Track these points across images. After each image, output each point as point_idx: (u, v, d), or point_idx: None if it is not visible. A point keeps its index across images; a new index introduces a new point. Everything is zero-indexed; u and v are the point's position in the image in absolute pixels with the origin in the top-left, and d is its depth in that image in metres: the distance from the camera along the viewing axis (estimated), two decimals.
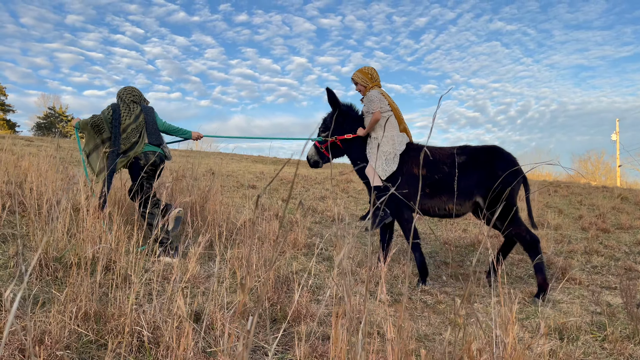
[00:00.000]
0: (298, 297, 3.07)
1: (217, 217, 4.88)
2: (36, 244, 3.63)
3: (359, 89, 4.84)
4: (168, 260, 3.85)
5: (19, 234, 3.94)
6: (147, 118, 4.59)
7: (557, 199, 10.40)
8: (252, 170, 12.80)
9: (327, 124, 4.86)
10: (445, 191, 4.36)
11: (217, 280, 2.75)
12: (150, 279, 3.19)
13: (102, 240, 3.31)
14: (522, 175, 4.37)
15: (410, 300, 4.02)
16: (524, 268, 5.24)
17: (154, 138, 4.57)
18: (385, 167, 4.47)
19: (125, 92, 4.69)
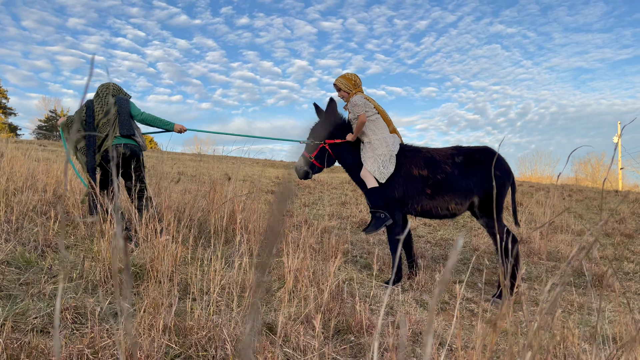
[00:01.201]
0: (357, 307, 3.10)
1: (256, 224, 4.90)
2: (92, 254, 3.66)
3: (341, 95, 4.83)
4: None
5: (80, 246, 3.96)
6: (120, 109, 4.48)
7: (574, 203, 10.44)
8: (266, 175, 12.84)
9: (316, 133, 4.84)
10: (448, 191, 4.40)
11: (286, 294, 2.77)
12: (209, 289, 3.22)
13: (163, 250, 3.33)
14: (512, 175, 4.53)
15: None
16: (558, 275, 5.27)
17: (125, 129, 4.43)
18: (383, 170, 4.47)
19: (102, 87, 4.67)
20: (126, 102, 4.56)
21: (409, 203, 4.50)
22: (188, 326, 2.49)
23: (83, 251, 3.83)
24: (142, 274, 3.28)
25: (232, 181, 8.77)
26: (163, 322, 2.47)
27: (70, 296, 2.82)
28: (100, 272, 3.07)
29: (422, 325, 3.32)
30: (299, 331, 2.62)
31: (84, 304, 2.68)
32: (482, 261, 5.77)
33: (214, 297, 2.68)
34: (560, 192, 12.17)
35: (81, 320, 2.56)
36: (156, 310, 2.53)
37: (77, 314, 2.60)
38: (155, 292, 2.60)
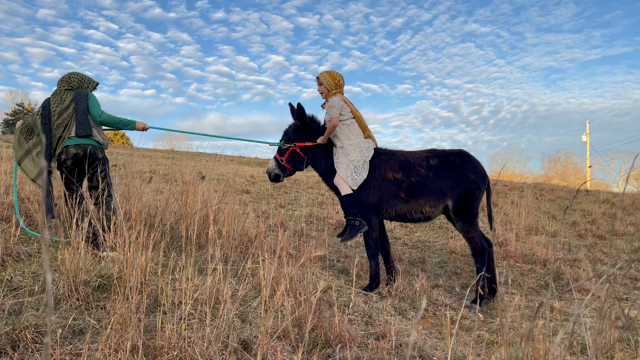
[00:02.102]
0: (336, 320, 3.00)
1: (230, 228, 4.75)
2: (55, 263, 3.46)
3: (321, 90, 4.74)
4: (112, 254, 3.57)
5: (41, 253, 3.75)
6: (77, 107, 4.14)
7: (547, 203, 10.58)
8: (240, 173, 12.63)
9: (289, 135, 4.74)
10: (422, 194, 4.37)
11: (263, 308, 2.65)
12: (181, 301, 3.07)
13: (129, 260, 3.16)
14: (488, 179, 4.52)
15: (435, 316, 3.98)
16: (534, 278, 5.28)
17: (82, 128, 4.10)
18: (356, 177, 4.41)
19: (61, 81, 4.33)
20: (84, 98, 4.20)
21: (384, 208, 4.44)
22: (158, 345, 2.35)
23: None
24: (109, 285, 3.11)
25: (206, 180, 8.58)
26: (131, 341, 2.32)
27: (30, 313, 2.63)
28: (65, 284, 2.89)
29: (402, 336, 3.24)
30: (276, 348, 2.50)
31: (45, 322, 2.51)
32: (459, 264, 5.75)
33: (185, 312, 2.54)
34: (533, 191, 12.32)
35: (42, 340, 2.39)
36: (124, 328, 2.38)
37: (38, 333, 2.43)
38: (122, 308, 2.44)
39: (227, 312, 2.49)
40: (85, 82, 4.40)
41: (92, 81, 4.48)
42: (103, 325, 2.60)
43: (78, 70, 4.52)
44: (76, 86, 4.33)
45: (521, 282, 5.09)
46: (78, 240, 3.23)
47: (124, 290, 2.68)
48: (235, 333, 2.68)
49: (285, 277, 3.54)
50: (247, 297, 3.48)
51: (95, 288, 3.05)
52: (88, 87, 4.43)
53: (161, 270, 3.52)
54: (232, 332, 2.63)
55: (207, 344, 2.34)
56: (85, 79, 4.43)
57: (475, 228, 4.36)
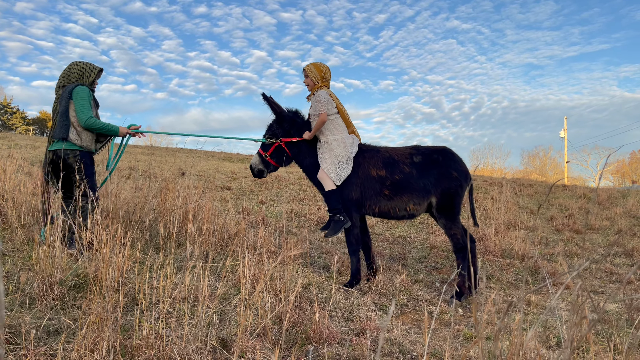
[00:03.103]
0: (316, 316, 3.00)
1: (210, 225, 4.72)
2: (29, 262, 3.39)
3: (307, 82, 4.71)
4: (72, 251, 3.62)
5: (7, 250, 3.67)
6: (60, 106, 3.96)
7: (525, 199, 10.74)
8: (222, 170, 12.54)
9: (273, 130, 4.71)
10: (406, 191, 4.38)
11: (242, 306, 2.63)
12: (159, 299, 3.04)
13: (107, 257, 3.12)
14: (470, 176, 4.55)
15: (415, 311, 4.01)
16: (513, 273, 5.35)
17: (58, 131, 3.90)
18: (340, 172, 4.40)
19: (62, 75, 4.14)
20: (66, 97, 3.96)
21: (366, 204, 4.43)
22: (135, 345, 2.32)
23: (21, 259, 3.56)
24: (85, 284, 3.06)
25: (186, 177, 8.50)
26: (107, 341, 2.29)
27: (4, 313, 2.57)
28: (39, 284, 2.83)
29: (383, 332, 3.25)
30: (255, 346, 2.49)
31: (19, 322, 2.46)
32: (439, 260, 5.80)
33: (163, 311, 2.51)
34: (512, 187, 12.48)
35: (16, 341, 2.34)
36: (100, 328, 2.34)
37: (12, 334, 2.38)
38: (98, 308, 2.40)
39: (205, 310, 2.47)
40: (87, 72, 4.17)
41: (94, 69, 4.23)
42: (79, 325, 2.56)
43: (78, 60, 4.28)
44: (75, 80, 4.11)
45: (500, 277, 5.16)
46: (53, 239, 3.17)
47: (100, 289, 2.63)
48: (215, 331, 2.66)
49: (265, 274, 3.53)
50: (227, 295, 3.46)
51: (72, 287, 3.00)
52: (90, 77, 4.18)
53: (139, 269, 3.48)
54: (211, 330, 2.61)
55: (186, 343, 2.32)
56: (87, 68, 4.18)
57: (457, 225, 4.39)
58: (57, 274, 2.90)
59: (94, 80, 4.25)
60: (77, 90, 3.98)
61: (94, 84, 4.26)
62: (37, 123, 44.74)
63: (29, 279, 2.94)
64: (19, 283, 2.94)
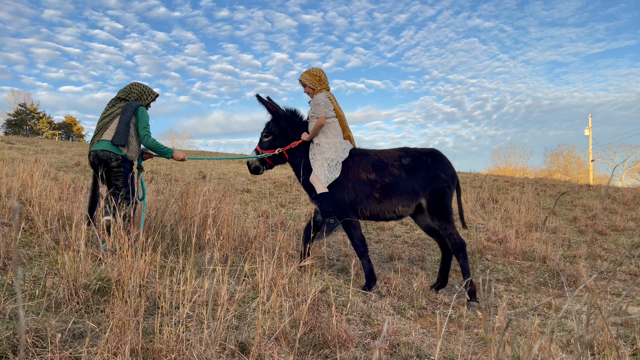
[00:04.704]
0: (334, 320, 3.02)
1: (229, 229, 4.78)
2: (55, 267, 3.50)
3: (307, 91, 4.77)
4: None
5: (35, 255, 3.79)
6: (122, 116, 4.27)
7: (548, 199, 10.57)
8: (242, 172, 12.66)
9: (270, 129, 4.77)
10: (395, 194, 4.39)
11: (260, 309, 2.68)
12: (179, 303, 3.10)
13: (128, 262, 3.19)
14: (457, 179, 4.57)
15: (434, 314, 4.01)
16: (533, 275, 5.29)
17: (118, 138, 4.19)
18: (328, 175, 4.42)
19: (122, 90, 4.53)
20: (132, 110, 4.31)
21: (358, 208, 4.47)
22: (156, 349, 2.38)
23: (47, 264, 3.67)
24: (108, 289, 3.14)
25: (207, 180, 8.61)
26: (130, 344, 2.35)
27: (31, 317, 2.67)
28: (65, 288, 2.92)
29: (400, 336, 3.27)
30: (273, 350, 2.53)
31: (45, 326, 2.54)
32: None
33: (183, 315, 2.57)
34: (534, 187, 12.31)
35: (42, 344, 2.43)
36: (122, 331, 2.41)
37: (38, 337, 2.46)
38: (121, 312, 2.48)
39: (224, 314, 2.52)
40: (145, 94, 4.58)
41: (152, 92, 4.65)
42: (102, 328, 2.64)
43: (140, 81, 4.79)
44: (135, 98, 4.48)
45: (520, 279, 5.11)
46: (78, 243, 3.27)
47: (122, 293, 2.71)
48: (233, 335, 2.71)
49: (284, 278, 3.57)
50: (246, 298, 3.51)
51: (95, 291, 3.09)
52: (147, 99, 4.59)
53: (160, 273, 3.56)
54: (230, 334, 2.66)
55: (205, 347, 2.37)
56: (146, 90, 4.59)
57: (452, 225, 4.39)
58: (82, 278, 2.98)
59: (149, 103, 4.67)
60: (142, 109, 4.39)
61: (148, 106, 4.68)
62: (63, 128, 45.73)
63: (54, 284, 3.03)
64: (45, 287, 3.03)
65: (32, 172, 6.37)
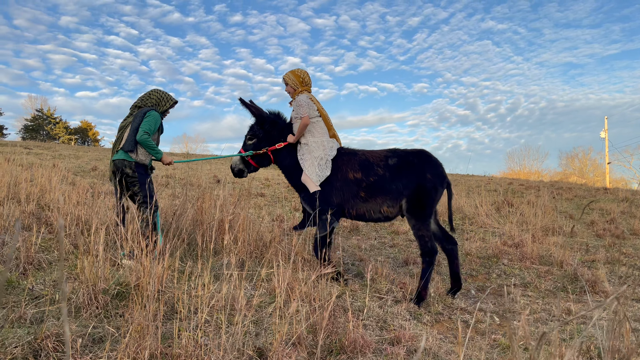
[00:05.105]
0: (351, 325, 3.02)
1: (245, 234, 4.80)
2: (74, 271, 3.54)
3: (288, 90, 4.80)
4: (128, 263, 3.80)
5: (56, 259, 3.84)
6: (132, 123, 4.31)
7: (564, 203, 10.45)
8: (255, 176, 12.69)
9: (254, 132, 4.77)
10: (379, 194, 4.38)
11: (277, 315, 2.68)
12: (197, 308, 3.12)
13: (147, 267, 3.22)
14: (447, 181, 4.49)
15: (451, 320, 3.98)
16: (551, 280, 5.23)
17: (127, 144, 4.26)
18: (319, 173, 4.45)
19: (142, 97, 4.57)
20: (141, 115, 4.34)
21: (346, 207, 4.47)
22: (175, 354, 2.40)
23: (67, 268, 3.71)
24: (127, 293, 3.17)
25: (222, 184, 8.65)
26: (149, 350, 2.37)
27: (51, 322, 2.70)
28: (84, 293, 2.96)
29: (417, 342, 3.25)
30: (291, 356, 2.53)
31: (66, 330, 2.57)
32: (475, 267, 5.72)
33: (202, 320, 2.59)
34: (550, 190, 12.18)
35: (63, 349, 2.45)
36: (141, 336, 2.43)
37: (59, 342, 2.49)
38: (140, 317, 2.50)
39: (242, 319, 2.53)
40: (163, 101, 4.58)
41: (170, 99, 4.64)
42: (122, 333, 2.66)
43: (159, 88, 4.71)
44: (152, 104, 4.50)
45: (538, 285, 5.05)
46: (97, 248, 3.31)
47: (141, 298, 2.73)
48: (251, 340, 2.72)
49: (300, 283, 3.58)
50: (262, 303, 3.51)
51: (114, 296, 3.11)
52: (165, 105, 4.60)
53: (177, 278, 3.58)
54: (248, 339, 2.67)
55: (223, 352, 2.38)
56: (164, 97, 4.59)
57: (426, 227, 4.33)
58: (101, 283, 3.01)
59: (167, 110, 4.68)
60: (151, 113, 4.37)
61: (166, 112, 4.70)
62: (78, 132, 46.33)
63: (74, 289, 3.07)
64: (65, 292, 3.06)
65: (51, 177, 6.46)
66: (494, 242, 6.51)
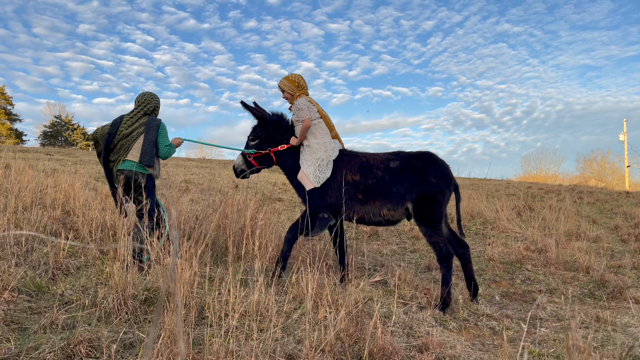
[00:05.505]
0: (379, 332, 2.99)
1: (267, 239, 4.81)
2: (101, 277, 3.57)
3: (285, 96, 4.79)
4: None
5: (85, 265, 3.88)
6: (146, 135, 4.19)
7: (587, 207, 10.29)
8: (272, 181, 12.72)
9: (257, 133, 4.75)
10: (378, 196, 4.32)
11: (307, 321, 2.67)
12: (225, 314, 3.12)
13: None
14: (454, 183, 4.39)
15: (477, 327, 3.93)
16: (578, 286, 5.14)
17: (146, 159, 4.14)
18: (319, 174, 4.43)
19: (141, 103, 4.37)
20: (155, 128, 4.25)
21: (344, 209, 4.43)
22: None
23: (93, 274, 3.75)
24: (155, 299, 3.18)
25: (239, 189, 8.69)
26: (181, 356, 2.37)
27: (83, 327, 2.72)
28: (114, 298, 2.98)
29: (446, 349, 3.21)
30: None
31: (98, 336, 2.59)
32: (498, 272, 5.65)
33: (232, 327, 2.59)
34: (571, 194, 12.01)
35: (96, 354, 2.47)
36: (173, 342, 2.44)
37: (92, 347, 2.51)
38: (172, 324, 2.51)
39: (272, 325, 2.52)
40: (158, 108, 4.53)
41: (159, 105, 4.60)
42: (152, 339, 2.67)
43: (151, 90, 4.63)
44: (151, 111, 4.40)
45: (564, 291, 4.97)
46: (124, 254, 3.33)
47: (169, 303, 2.74)
48: (280, 346, 2.71)
49: (326, 289, 3.56)
50: (289, 309, 3.51)
51: (142, 301, 3.13)
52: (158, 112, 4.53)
53: (204, 283, 3.59)
54: (277, 345, 2.66)
55: (254, 358, 2.37)
56: (159, 102, 4.53)
57: (438, 232, 4.23)
58: (130, 288, 3.03)
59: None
60: (163, 125, 4.33)
61: None
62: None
63: (104, 294, 3.09)
64: (95, 298, 3.09)
65: (73, 183, 6.55)
66: (517, 247, 6.43)
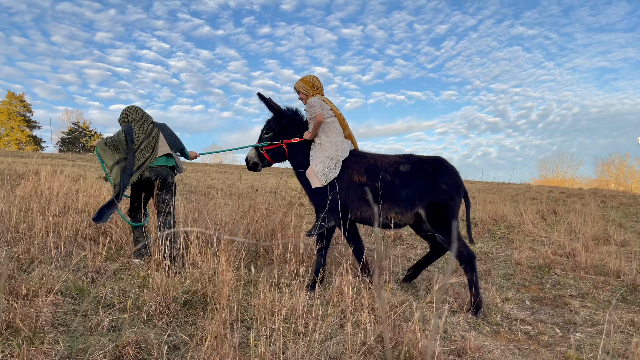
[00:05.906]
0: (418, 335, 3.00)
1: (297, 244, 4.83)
2: (139, 280, 3.62)
3: (301, 97, 4.81)
4: (137, 262, 4.07)
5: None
6: (164, 133, 4.45)
7: (611, 211, 10.17)
8: (291, 186, 12.77)
9: (271, 126, 4.78)
10: (386, 199, 4.28)
11: (350, 324, 2.68)
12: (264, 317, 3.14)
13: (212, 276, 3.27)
14: (464, 190, 4.36)
15: (511, 331, 3.91)
16: (609, 291, 5.08)
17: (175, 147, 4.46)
18: (327, 173, 4.42)
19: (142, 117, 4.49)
20: (166, 127, 4.54)
21: (350, 209, 4.42)
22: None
23: (131, 277, 3.80)
24: (194, 302, 3.22)
25: (260, 194, 8.74)
26: (228, 358, 2.40)
27: (129, 329, 2.77)
28: (156, 302, 3.02)
29: (483, 352, 3.21)
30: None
31: (145, 338, 2.63)
32: (526, 276, 5.60)
33: (279, 329, 2.61)
34: (593, 198, 11.88)
35: (144, 356, 2.51)
36: (219, 344, 2.47)
37: (139, 349, 2.55)
38: (217, 326, 2.54)
39: (317, 329, 2.54)
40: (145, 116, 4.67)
41: None
42: (195, 341, 2.71)
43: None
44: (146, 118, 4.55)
45: (595, 295, 4.92)
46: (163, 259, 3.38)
47: (216, 307, 2.77)
48: (323, 349, 2.72)
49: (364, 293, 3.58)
50: (325, 313, 3.53)
51: (182, 304, 3.17)
52: None
53: (241, 286, 3.62)
54: (322, 349, 2.68)
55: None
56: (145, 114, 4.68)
57: (454, 237, 4.26)
58: (171, 291, 3.08)
59: None
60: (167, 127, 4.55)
61: None
62: None
63: (145, 298, 3.13)
64: (137, 301, 3.14)
65: (100, 188, 6.65)
66: (544, 251, 6.37)
